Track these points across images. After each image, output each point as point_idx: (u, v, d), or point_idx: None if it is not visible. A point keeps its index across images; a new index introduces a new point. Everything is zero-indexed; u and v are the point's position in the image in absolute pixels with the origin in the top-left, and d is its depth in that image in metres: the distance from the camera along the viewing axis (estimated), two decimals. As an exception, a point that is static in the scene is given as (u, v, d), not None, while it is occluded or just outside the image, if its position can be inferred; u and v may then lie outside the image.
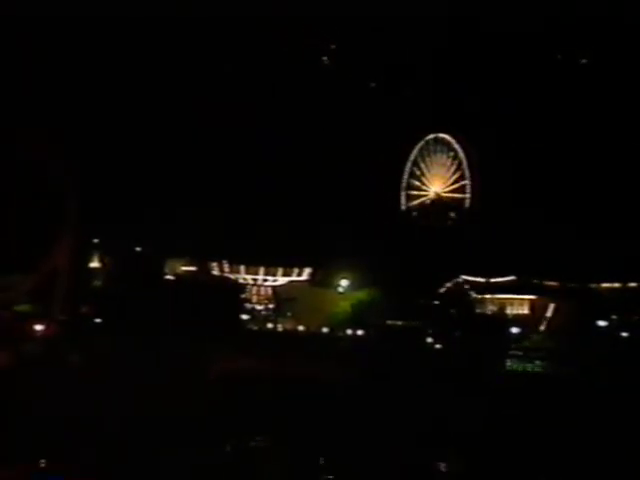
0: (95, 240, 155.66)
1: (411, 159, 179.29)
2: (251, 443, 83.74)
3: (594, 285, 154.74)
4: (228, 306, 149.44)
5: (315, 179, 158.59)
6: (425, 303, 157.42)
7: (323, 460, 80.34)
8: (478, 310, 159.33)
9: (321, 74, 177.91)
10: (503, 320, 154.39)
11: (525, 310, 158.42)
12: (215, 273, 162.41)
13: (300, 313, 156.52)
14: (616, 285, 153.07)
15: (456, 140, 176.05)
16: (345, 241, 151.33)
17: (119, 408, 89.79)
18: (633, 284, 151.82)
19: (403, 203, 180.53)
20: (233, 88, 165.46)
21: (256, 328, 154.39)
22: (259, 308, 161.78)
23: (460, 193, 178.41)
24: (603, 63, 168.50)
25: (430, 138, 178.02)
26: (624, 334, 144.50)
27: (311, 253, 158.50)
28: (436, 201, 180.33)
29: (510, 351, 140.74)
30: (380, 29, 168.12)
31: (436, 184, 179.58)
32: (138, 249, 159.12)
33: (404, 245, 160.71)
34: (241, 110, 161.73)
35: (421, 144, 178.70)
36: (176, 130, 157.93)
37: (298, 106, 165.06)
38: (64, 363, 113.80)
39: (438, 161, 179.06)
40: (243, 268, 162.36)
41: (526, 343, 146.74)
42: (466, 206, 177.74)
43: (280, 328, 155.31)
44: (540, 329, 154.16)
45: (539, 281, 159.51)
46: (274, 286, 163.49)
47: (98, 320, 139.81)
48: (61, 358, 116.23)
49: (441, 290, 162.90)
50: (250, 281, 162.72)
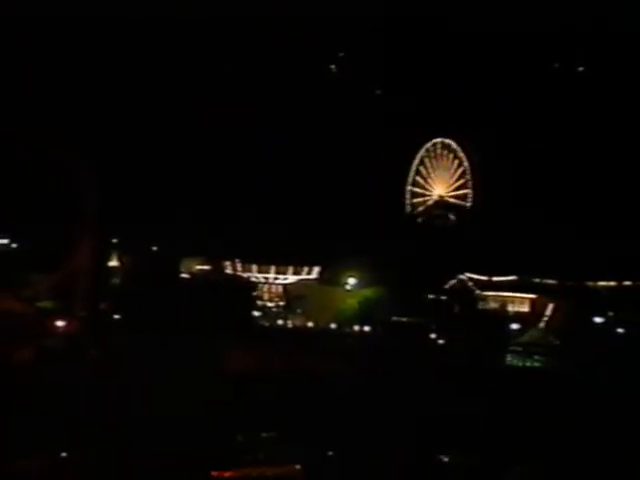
0: (114, 240, 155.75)
1: (415, 163, 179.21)
2: (261, 435, 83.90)
3: (591, 284, 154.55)
4: (241, 303, 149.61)
5: (325, 183, 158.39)
6: (429, 300, 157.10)
7: (331, 453, 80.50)
8: (480, 307, 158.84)
9: (330, 81, 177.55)
10: (504, 317, 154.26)
11: (526, 308, 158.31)
12: (228, 272, 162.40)
13: (309, 310, 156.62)
14: (612, 284, 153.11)
15: (458, 144, 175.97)
16: (352, 241, 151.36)
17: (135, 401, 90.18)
18: (628, 282, 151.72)
19: (408, 205, 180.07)
20: (248, 95, 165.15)
21: (267, 324, 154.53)
22: (270, 305, 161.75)
23: (462, 195, 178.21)
24: (601, 67, 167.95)
25: (433, 142, 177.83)
26: (620, 330, 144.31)
27: (320, 253, 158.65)
28: (439, 203, 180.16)
29: (510, 347, 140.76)
30: (384, 36, 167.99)
31: (439, 186, 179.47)
32: (155, 249, 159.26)
33: (409, 245, 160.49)
34: (253, 116, 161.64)
35: (425, 148, 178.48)
36: (192, 134, 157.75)
37: (309, 112, 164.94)
38: (84, 358, 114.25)
39: (441, 164, 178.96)
40: (255, 267, 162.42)
41: (526, 339, 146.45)
42: (468, 208, 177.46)
43: (290, 324, 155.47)
44: (540, 326, 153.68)
45: (539, 280, 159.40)
46: (284, 284, 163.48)
47: (117, 316, 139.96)
48: (81, 353, 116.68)
49: (445, 288, 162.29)
50: (262, 280, 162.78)
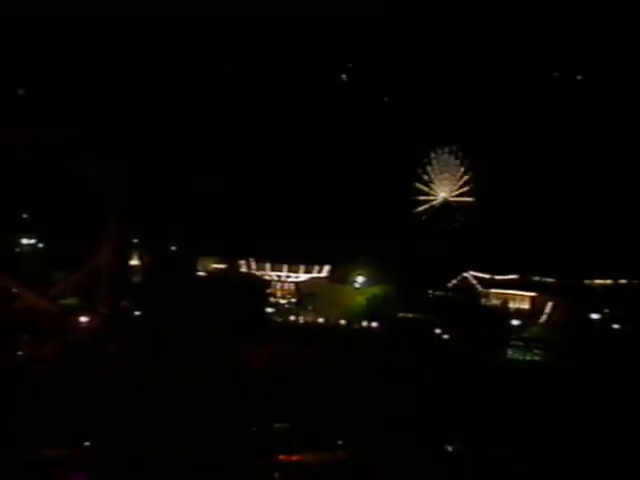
0: (135, 240, 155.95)
1: (421, 167, 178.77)
2: (274, 425, 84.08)
3: (588, 282, 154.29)
4: (255, 300, 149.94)
5: (334, 186, 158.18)
6: (434, 297, 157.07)
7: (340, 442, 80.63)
8: (483, 304, 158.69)
9: (341, 89, 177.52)
10: (506, 313, 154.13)
11: (526, 305, 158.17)
12: (243, 270, 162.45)
13: (320, 307, 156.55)
14: (608, 282, 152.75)
15: (462, 150, 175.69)
16: (361, 241, 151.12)
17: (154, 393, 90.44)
18: (623, 281, 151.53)
19: (414, 207, 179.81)
20: (264, 102, 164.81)
21: (280, 320, 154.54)
22: (283, 302, 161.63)
23: (466, 197, 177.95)
24: (599, 75, 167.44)
25: (439, 148, 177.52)
26: (615, 326, 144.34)
27: (330, 252, 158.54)
28: (444, 205, 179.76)
29: (511, 341, 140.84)
30: (391, 47, 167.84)
31: (444, 189, 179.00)
32: (173, 249, 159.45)
33: (415, 245, 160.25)
34: (269, 122, 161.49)
35: (431, 153, 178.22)
36: (210, 138, 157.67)
37: (323, 119, 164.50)
38: (105, 352, 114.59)
39: (446, 168, 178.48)
40: (268, 266, 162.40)
41: (526, 334, 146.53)
42: (472, 210, 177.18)
43: (302, 320, 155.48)
44: (539, 322, 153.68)
45: (539, 279, 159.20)
46: (296, 282, 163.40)
47: (137, 313, 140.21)
48: (102, 348, 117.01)
49: (449, 285, 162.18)
50: (275, 277, 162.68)
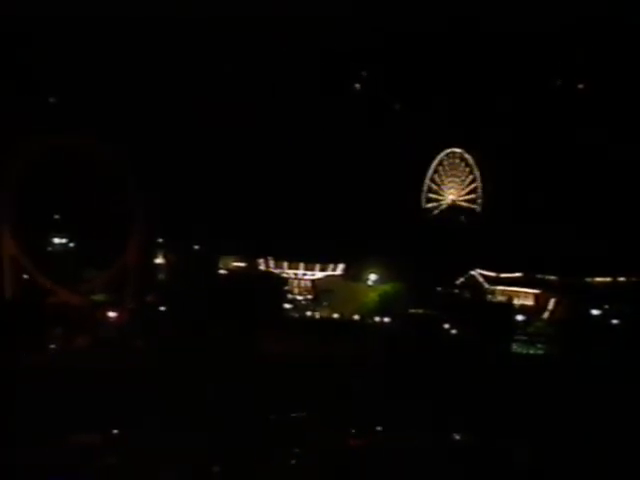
0: (160, 240, 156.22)
1: (430, 171, 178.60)
2: (291, 415, 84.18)
3: (589, 279, 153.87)
4: (273, 296, 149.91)
5: (349, 190, 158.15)
6: (443, 294, 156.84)
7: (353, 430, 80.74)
8: (489, 300, 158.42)
9: (355, 97, 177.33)
10: (510, 309, 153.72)
11: (530, 301, 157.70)
12: (262, 268, 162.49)
13: (335, 303, 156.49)
14: (608, 279, 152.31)
15: (469, 154, 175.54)
16: (374, 241, 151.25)
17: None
18: (622, 278, 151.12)
19: (423, 209, 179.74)
20: (283, 110, 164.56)
21: (297, 315, 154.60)
22: (299, 298, 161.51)
23: (473, 200, 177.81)
24: (599, 84, 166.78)
25: (447, 152, 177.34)
26: (614, 321, 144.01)
27: (344, 251, 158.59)
28: (452, 206, 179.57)
29: (516, 336, 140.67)
30: (401, 56, 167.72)
31: (452, 192, 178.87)
32: (196, 248, 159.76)
33: (424, 244, 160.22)
34: (288, 129, 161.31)
35: (439, 158, 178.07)
36: (228, 146, 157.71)
37: (337, 126, 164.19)
38: (132, 345, 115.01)
39: (454, 172, 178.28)
40: (286, 264, 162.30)
41: (530, 329, 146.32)
42: (478, 211, 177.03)
43: (317, 316, 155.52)
44: (543, 318, 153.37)
45: (542, 276, 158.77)
46: (313, 279, 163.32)
47: (162, 308, 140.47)
48: (130, 341, 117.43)
49: (457, 283, 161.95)
50: (292, 275, 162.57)
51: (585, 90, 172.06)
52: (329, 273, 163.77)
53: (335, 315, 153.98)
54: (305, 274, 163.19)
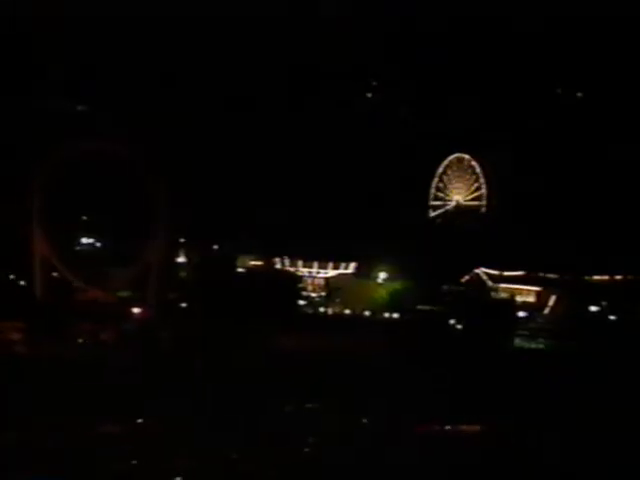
0: (182, 240, 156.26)
1: (437, 174, 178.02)
2: (306, 406, 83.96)
3: (588, 278, 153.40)
4: (288, 293, 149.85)
5: (359, 194, 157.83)
6: (449, 291, 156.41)
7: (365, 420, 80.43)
8: (493, 297, 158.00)
9: (366, 106, 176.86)
10: (513, 306, 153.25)
11: (532, 298, 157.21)
12: (278, 267, 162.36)
13: (347, 299, 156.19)
14: (605, 278, 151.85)
15: (474, 159, 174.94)
16: (384, 241, 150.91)
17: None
18: (619, 277, 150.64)
19: (430, 211, 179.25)
20: (299, 119, 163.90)
21: (311, 311, 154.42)
22: (313, 295, 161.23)
23: (477, 202, 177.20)
24: (599, 94, 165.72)
25: (453, 157, 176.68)
26: (612, 317, 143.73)
27: (356, 251, 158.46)
28: (457, 208, 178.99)
29: (518, 331, 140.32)
30: (411, 67, 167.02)
31: (458, 194, 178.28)
32: (216, 247, 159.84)
33: (431, 244, 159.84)
34: (303, 137, 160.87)
35: (445, 162, 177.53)
36: (245, 152, 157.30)
37: (351, 134, 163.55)
38: (156, 339, 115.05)
39: (459, 176, 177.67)
40: (300, 263, 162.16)
41: (532, 325, 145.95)
42: (482, 212, 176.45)
43: (330, 311, 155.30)
44: (544, 314, 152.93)
45: (543, 274, 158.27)
46: (326, 277, 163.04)
47: (183, 305, 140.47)
48: (153, 335, 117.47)
49: (462, 280, 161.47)
50: (306, 273, 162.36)
51: (586, 95, 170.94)
52: (341, 271, 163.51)
53: (347, 311, 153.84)
54: (319, 272, 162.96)
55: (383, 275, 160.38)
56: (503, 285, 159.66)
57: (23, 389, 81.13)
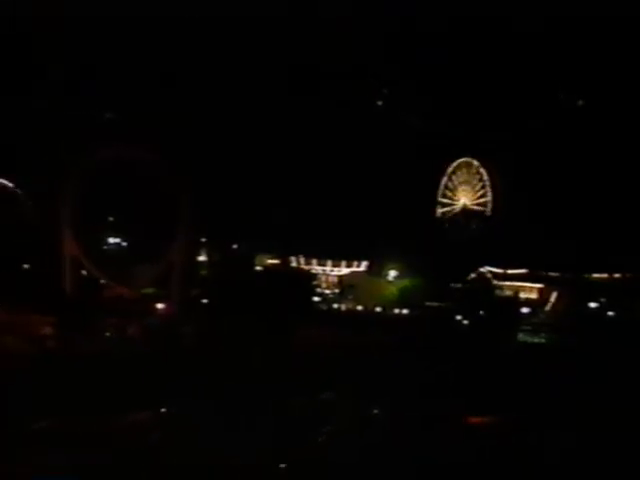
0: (203, 239, 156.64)
1: (444, 178, 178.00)
2: (321, 396, 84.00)
3: (587, 275, 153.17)
4: (303, 290, 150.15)
5: (371, 196, 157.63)
6: (456, 289, 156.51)
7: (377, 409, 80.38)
8: (497, 294, 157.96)
9: (378, 112, 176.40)
10: (517, 302, 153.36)
11: (534, 295, 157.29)
12: (294, 265, 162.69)
13: (359, 296, 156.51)
14: (604, 276, 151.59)
15: (480, 163, 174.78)
16: (394, 241, 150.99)
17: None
18: (617, 275, 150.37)
19: (438, 212, 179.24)
20: (316, 125, 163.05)
21: (325, 308, 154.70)
22: (327, 292, 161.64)
23: (483, 204, 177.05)
24: (602, 99, 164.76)
25: (459, 161, 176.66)
26: (610, 313, 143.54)
27: (368, 250, 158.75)
28: (464, 210, 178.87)
29: (521, 326, 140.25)
30: (420, 76, 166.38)
31: (464, 197, 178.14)
32: (235, 246, 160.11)
33: (439, 244, 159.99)
34: (318, 142, 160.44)
35: (452, 166, 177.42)
36: (264, 155, 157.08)
37: (365, 140, 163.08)
38: (179, 334, 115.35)
39: (466, 179, 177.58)
40: (315, 261, 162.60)
41: (534, 320, 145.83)
42: (487, 214, 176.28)
43: (343, 308, 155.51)
44: (546, 310, 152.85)
45: (545, 273, 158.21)
46: (339, 275, 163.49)
47: (204, 301, 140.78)
48: (176, 330, 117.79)
49: (468, 278, 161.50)
50: (320, 271, 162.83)
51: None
52: (354, 269, 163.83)
53: (359, 307, 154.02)
54: (332, 270, 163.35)
55: (393, 273, 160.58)
56: (507, 283, 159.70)
57: (54, 379, 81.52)
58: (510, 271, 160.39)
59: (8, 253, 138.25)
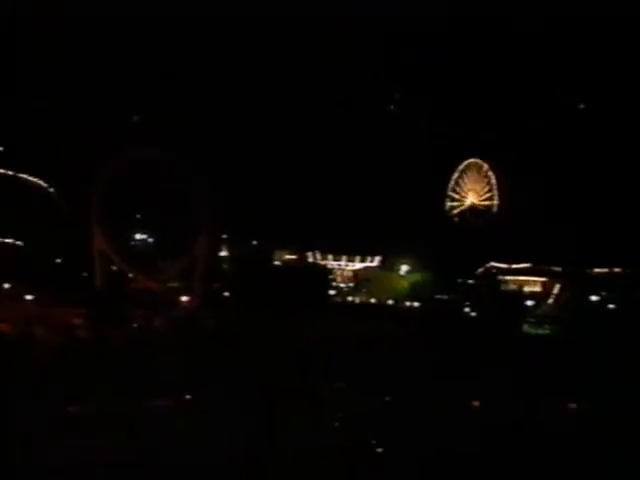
0: (225, 236, 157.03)
1: (454, 177, 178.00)
2: (333, 386, 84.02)
3: (589, 270, 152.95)
4: (319, 284, 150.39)
5: (384, 195, 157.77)
6: (463, 283, 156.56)
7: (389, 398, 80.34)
8: (502, 288, 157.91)
9: (390, 116, 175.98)
10: (521, 296, 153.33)
11: (538, 288, 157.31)
12: (310, 260, 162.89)
13: (372, 290, 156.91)
14: (605, 270, 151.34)
15: (487, 163, 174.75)
16: (406, 237, 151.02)
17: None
18: (618, 269, 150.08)
19: (447, 210, 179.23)
20: (318, 119, 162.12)
21: (340, 301, 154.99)
22: (342, 286, 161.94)
23: (489, 202, 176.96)
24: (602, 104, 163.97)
25: (467, 161, 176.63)
26: (610, 306, 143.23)
27: (381, 246, 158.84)
28: (472, 208, 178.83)
29: (526, 318, 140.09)
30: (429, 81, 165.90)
31: (472, 195, 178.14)
32: (255, 242, 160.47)
33: (448, 240, 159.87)
34: (334, 144, 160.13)
35: (461, 166, 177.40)
36: (285, 158, 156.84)
37: (373, 139, 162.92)
38: (202, 325, 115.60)
39: (473, 178, 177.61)
40: (331, 256, 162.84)
41: (538, 312, 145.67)
42: (494, 212, 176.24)
43: (357, 301, 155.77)
44: (549, 302, 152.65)
45: (548, 267, 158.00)
46: (353, 270, 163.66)
47: (226, 294, 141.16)
48: (200, 322, 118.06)
49: (475, 273, 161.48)
50: (336, 266, 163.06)
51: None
52: (368, 264, 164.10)
53: (372, 300, 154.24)
54: (347, 265, 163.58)
55: (405, 268, 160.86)
56: (512, 277, 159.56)
57: (84, 367, 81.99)
58: (515, 266, 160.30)
59: (42, 249, 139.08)
